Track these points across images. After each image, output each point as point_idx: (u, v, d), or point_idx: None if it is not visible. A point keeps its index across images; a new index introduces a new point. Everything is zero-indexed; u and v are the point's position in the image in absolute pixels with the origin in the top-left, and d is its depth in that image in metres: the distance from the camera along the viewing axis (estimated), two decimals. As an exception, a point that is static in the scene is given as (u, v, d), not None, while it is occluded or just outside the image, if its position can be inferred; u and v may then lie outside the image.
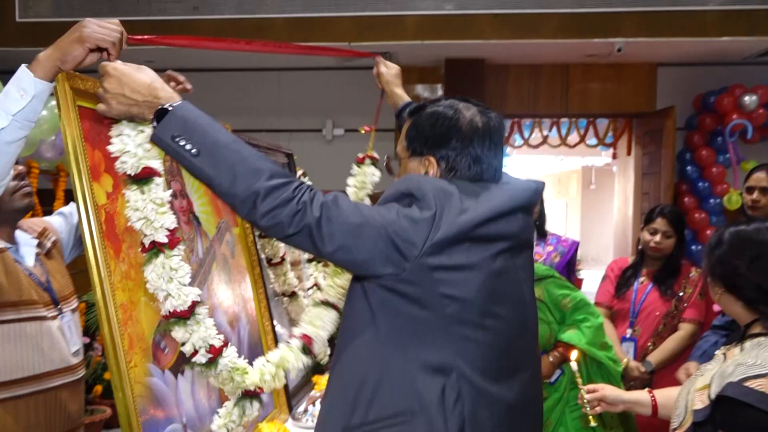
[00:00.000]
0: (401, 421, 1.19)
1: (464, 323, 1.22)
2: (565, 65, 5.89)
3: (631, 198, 6.32)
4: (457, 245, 1.20)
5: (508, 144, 6.88)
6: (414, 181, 1.25)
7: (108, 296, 1.33)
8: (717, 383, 1.33)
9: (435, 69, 5.93)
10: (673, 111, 5.43)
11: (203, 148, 1.15)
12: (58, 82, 1.30)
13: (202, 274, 1.82)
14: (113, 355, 1.31)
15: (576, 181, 14.82)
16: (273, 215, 1.14)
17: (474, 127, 1.31)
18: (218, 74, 6.19)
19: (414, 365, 1.21)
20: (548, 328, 2.43)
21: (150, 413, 1.41)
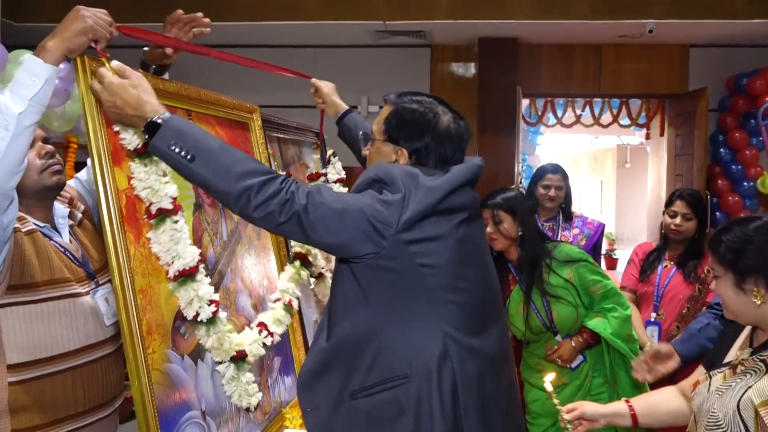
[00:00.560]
0: (398, 384, 1.35)
1: (442, 287, 1.38)
2: (597, 45, 5.83)
3: (665, 179, 6.27)
4: (426, 219, 1.35)
5: (542, 123, 6.87)
6: (383, 169, 1.40)
7: (126, 282, 1.32)
8: None
9: (469, 48, 5.93)
10: (705, 92, 5.35)
11: (198, 153, 1.27)
12: (79, 67, 1.34)
13: (227, 256, 1.84)
14: (130, 343, 1.30)
15: (611, 160, 14.61)
16: (265, 206, 1.27)
17: (448, 131, 1.47)
18: (254, 50, 6.29)
19: (405, 332, 1.36)
20: (575, 311, 2.39)
21: (168, 400, 1.39)
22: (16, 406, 1.45)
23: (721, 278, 1.46)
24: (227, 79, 6.23)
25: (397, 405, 1.35)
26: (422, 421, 1.34)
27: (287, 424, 1.97)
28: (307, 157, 2.86)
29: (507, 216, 2.40)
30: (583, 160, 15.77)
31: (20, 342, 1.47)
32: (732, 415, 1.34)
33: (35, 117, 1.32)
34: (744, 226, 1.44)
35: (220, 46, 6.32)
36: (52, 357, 1.50)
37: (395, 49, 6.08)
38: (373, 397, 1.36)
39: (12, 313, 1.46)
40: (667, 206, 3.01)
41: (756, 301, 1.40)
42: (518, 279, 2.48)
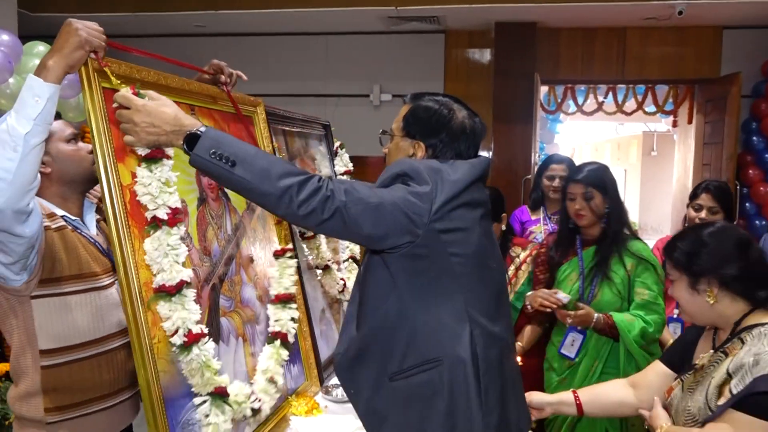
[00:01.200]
0: (432, 367, 1.43)
1: (468, 275, 1.47)
2: (621, 28, 5.62)
3: (691, 168, 6.05)
4: (454, 211, 1.43)
5: (561, 110, 6.68)
6: (406, 164, 1.47)
7: (131, 275, 1.36)
8: (740, 377, 1.38)
9: (485, 33, 5.77)
10: (738, 77, 5.13)
11: (237, 158, 1.30)
12: (83, 75, 1.37)
13: (231, 248, 1.85)
14: (135, 333, 1.35)
15: (636, 147, 14.31)
16: (308, 204, 1.31)
17: (463, 127, 1.56)
18: (266, 38, 6.21)
19: (436, 318, 1.44)
20: (619, 302, 2.38)
21: (174, 387, 1.45)
22: (48, 388, 1.61)
23: (677, 282, 1.58)
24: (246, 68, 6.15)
25: (432, 386, 1.43)
26: (455, 402, 1.42)
27: (293, 411, 2.00)
28: (313, 149, 2.75)
29: (597, 192, 2.41)
30: (606, 147, 15.49)
31: (50, 330, 1.60)
32: (704, 407, 1.45)
33: (42, 136, 1.38)
34: (698, 231, 1.57)
35: (232, 35, 6.30)
36: (80, 344, 1.64)
37: (408, 36, 5.94)
38: (410, 379, 1.44)
39: (43, 305, 1.60)
40: (692, 199, 2.87)
41: (710, 301, 1.52)
42: (580, 253, 2.48)
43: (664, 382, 1.68)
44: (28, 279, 1.54)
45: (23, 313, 1.59)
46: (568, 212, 2.48)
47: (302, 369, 2.22)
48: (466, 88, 5.87)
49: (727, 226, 1.60)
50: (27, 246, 1.48)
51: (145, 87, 1.54)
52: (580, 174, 2.45)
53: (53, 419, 1.61)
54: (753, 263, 1.51)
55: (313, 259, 2.46)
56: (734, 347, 1.47)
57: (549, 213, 3.32)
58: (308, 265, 2.44)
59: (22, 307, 1.59)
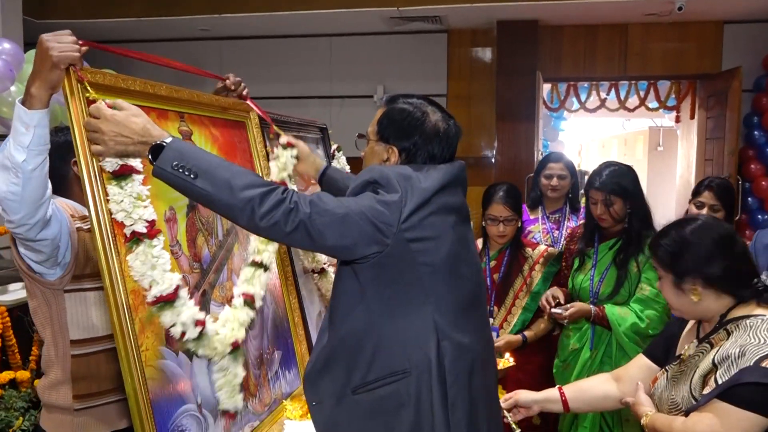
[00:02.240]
0: (398, 378, 1.41)
1: (437, 285, 1.44)
2: (623, 25, 5.60)
3: (694, 164, 6.03)
4: (425, 219, 1.41)
5: (564, 108, 6.66)
6: (377, 171, 1.44)
7: (116, 282, 1.35)
8: (725, 367, 1.39)
9: (487, 31, 5.77)
10: (739, 71, 5.10)
11: (200, 170, 1.30)
12: (67, 88, 1.37)
13: (223, 254, 1.87)
14: (121, 341, 1.34)
15: (643, 143, 14.20)
16: (270, 216, 1.30)
17: (436, 130, 1.54)
18: (270, 41, 6.24)
19: (403, 329, 1.42)
20: (626, 293, 2.44)
21: (162, 394, 1.44)
22: (77, 376, 1.73)
23: (663, 278, 1.60)
24: (250, 71, 6.19)
25: (397, 398, 1.41)
26: (421, 414, 1.40)
27: (288, 415, 2.00)
28: (310, 151, 2.75)
29: (618, 199, 2.45)
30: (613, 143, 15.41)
31: (80, 322, 1.72)
32: (688, 396, 1.47)
33: (38, 159, 1.42)
34: (681, 229, 1.57)
35: (236, 38, 6.33)
36: (104, 336, 1.75)
37: (411, 36, 5.95)
38: (374, 392, 1.42)
39: (75, 298, 1.72)
40: (694, 195, 2.84)
41: (694, 299, 1.52)
42: (596, 245, 2.56)
43: (647, 375, 1.70)
44: (62, 274, 1.67)
45: (56, 305, 1.71)
46: (592, 213, 2.55)
47: (298, 373, 2.23)
48: (469, 87, 5.87)
49: (710, 221, 1.59)
50: (52, 246, 1.59)
51: (131, 96, 1.56)
52: (599, 180, 2.48)
53: (80, 406, 1.74)
54: (737, 260, 1.52)
55: (309, 262, 2.48)
56: (720, 338, 1.49)
57: (547, 212, 3.32)
58: (304, 269, 2.45)
59: (56, 300, 1.71)
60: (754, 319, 1.46)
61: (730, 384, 1.37)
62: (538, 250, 2.76)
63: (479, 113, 5.80)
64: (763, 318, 1.45)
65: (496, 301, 2.71)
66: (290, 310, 2.23)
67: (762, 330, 1.42)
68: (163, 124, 1.69)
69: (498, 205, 2.66)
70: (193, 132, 1.83)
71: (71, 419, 1.74)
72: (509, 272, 2.71)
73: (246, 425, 1.80)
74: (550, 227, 3.25)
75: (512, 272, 2.71)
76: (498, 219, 2.67)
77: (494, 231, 2.69)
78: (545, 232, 3.24)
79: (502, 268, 2.73)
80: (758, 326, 1.43)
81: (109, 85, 1.47)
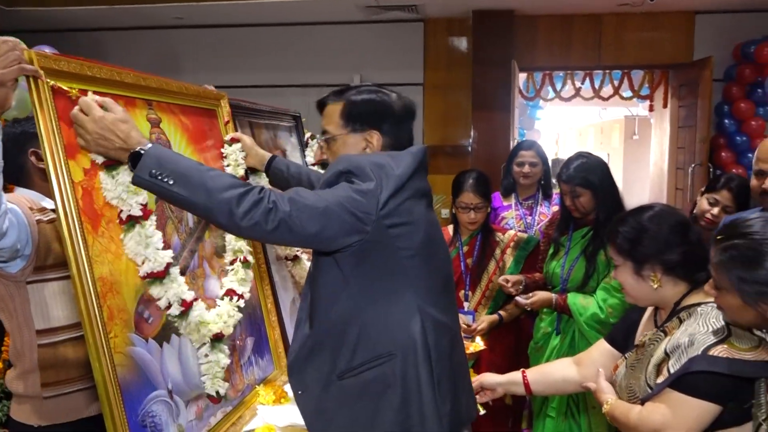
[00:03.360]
0: (384, 361, 1.44)
1: (418, 268, 1.48)
2: (597, 15, 5.65)
3: (667, 152, 6.12)
4: (401, 204, 1.45)
5: (540, 97, 6.71)
6: (349, 161, 1.47)
7: (83, 270, 1.36)
8: (677, 356, 1.43)
9: (463, 21, 5.78)
10: (710, 61, 5.18)
11: (177, 176, 1.32)
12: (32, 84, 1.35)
13: (193, 242, 1.87)
14: (89, 328, 1.35)
15: (619, 132, 14.35)
16: (250, 217, 1.31)
17: (401, 107, 1.60)
18: (246, 29, 6.18)
19: (387, 313, 1.45)
20: (595, 281, 2.49)
21: (132, 381, 1.45)
22: (45, 365, 1.75)
23: (621, 267, 1.62)
24: (228, 59, 6.13)
25: (383, 380, 1.44)
26: (408, 393, 1.43)
27: (261, 400, 2.02)
28: (282, 140, 2.76)
29: (585, 191, 2.47)
30: (590, 132, 15.54)
31: (44, 312, 1.75)
32: (644, 384, 1.51)
33: None
34: (638, 216, 1.59)
35: (211, 26, 6.26)
36: (69, 325, 1.78)
37: (387, 25, 5.94)
38: (360, 376, 1.45)
39: (37, 290, 1.73)
40: (708, 190, 2.65)
41: (654, 285, 1.56)
42: (570, 233, 2.61)
43: (608, 359, 1.74)
44: (23, 266, 1.68)
45: (19, 297, 1.72)
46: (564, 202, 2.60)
47: (271, 359, 2.25)
48: (445, 76, 5.88)
49: (666, 209, 1.63)
50: (11, 252, 1.62)
51: (97, 83, 1.55)
52: (566, 173, 2.52)
53: (48, 394, 1.76)
54: (693, 246, 1.56)
55: (282, 249, 2.49)
56: (673, 326, 1.53)
57: (520, 198, 3.37)
58: (277, 256, 2.46)
59: (19, 292, 1.71)
60: (705, 306, 1.51)
61: (681, 373, 1.41)
62: (508, 235, 2.85)
63: (456, 102, 5.83)
64: (713, 305, 1.49)
65: (471, 285, 2.78)
66: (263, 296, 2.25)
67: (711, 318, 1.46)
68: (131, 111, 1.68)
69: (468, 193, 2.71)
70: (161, 120, 1.82)
71: (40, 407, 1.76)
72: (482, 256, 2.78)
73: (218, 410, 1.81)
74: (523, 213, 3.30)
75: (485, 256, 2.79)
76: (469, 206, 2.72)
77: (465, 218, 2.75)
78: (518, 218, 3.29)
79: (475, 252, 2.80)
80: (708, 314, 1.48)
81: (74, 72, 1.46)
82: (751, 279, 1.29)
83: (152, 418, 1.52)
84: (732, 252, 1.33)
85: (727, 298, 1.36)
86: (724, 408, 1.40)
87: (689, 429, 1.40)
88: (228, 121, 2.21)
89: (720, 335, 1.41)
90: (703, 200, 2.64)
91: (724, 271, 1.34)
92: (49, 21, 5.92)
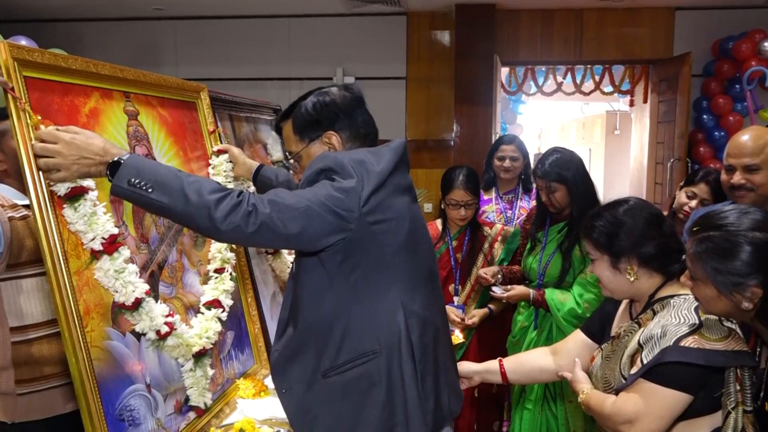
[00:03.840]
0: (369, 359, 1.44)
1: (401, 264, 1.48)
2: (578, 10, 5.68)
3: (647, 146, 6.18)
4: (384, 200, 1.44)
5: (522, 91, 6.74)
6: (329, 158, 1.45)
7: (58, 264, 1.35)
8: (650, 347, 1.46)
9: (446, 15, 5.78)
10: (689, 57, 5.23)
11: (155, 183, 1.31)
12: (0, 54, 1.33)
13: (172, 235, 1.86)
14: (64, 322, 1.34)
15: (600, 127, 14.47)
16: (229, 221, 1.30)
17: (345, 99, 1.58)
18: (227, 21, 6.13)
19: (371, 309, 1.45)
20: (571, 276, 2.51)
21: (109, 375, 1.45)
22: (19, 362, 1.76)
23: (598, 261, 1.64)
24: (208, 52, 6.08)
25: (368, 378, 1.43)
26: (393, 391, 1.44)
27: (241, 394, 2.03)
28: (263, 133, 2.75)
29: (559, 185, 2.49)
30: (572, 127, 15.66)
31: (17, 310, 1.76)
32: (618, 375, 1.53)
33: None
34: (614, 210, 1.61)
35: (192, 18, 6.20)
36: (44, 322, 1.79)
37: (370, 18, 5.92)
38: (345, 374, 1.44)
39: (11, 287, 1.75)
40: (687, 184, 2.72)
41: (630, 278, 1.59)
42: (546, 228, 2.62)
43: (583, 349, 1.77)
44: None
45: None
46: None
47: (251, 353, 2.25)
48: (428, 70, 5.88)
49: (640, 202, 1.65)
50: None
51: (72, 75, 1.54)
52: (541, 168, 2.53)
53: (23, 391, 1.77)
54: (667, 238, 1.59)
55: (263, 243, 2.48)
56: (647, 318, 1.55)
57: (501, 192, 3.39)
58: (257, 249, 2.46)
59: None
60: (678, 298, 1.53)
61: (653, 364, 1.43)
62: (496, 229, 2.90)
63: (438, 96, 5.83)
64: (686, 298, 1.52)
65: (460, 279, 2.83)
66: (243, 290, 2.24)
67: (683, 309, 1.48)
68: (107, 104, 1.67)
69: (459, 191, 2.75)
70: (139, 112, 1.81)
71: (14, 404, 1.76)
72: (471, 250, 2.83)
73: (197, 404, 1.81)
74: (503, 207, 3.32)
75: (474, 250, 2.84)
76: (459, 203, 2.76)
77: (455, 214, 2.79)
78: (498, 212, 3.31)
79: (464, 247, 2.84)
80: (680, 306, 1.50)
81: (47, 63, 1.45)
82: (725, 270, 1.33)
83: (130, 412, 1.51)
84: (707, 243, 1.36)
85: (702, 289, 1.39)
86: (695, 397, 1.42)
87: (661, 418, 1.42)
88: (213, 130, 2.21)
89: (691, 326, 1.43)
90: (681, 194, 2.69)
91: (700, 262, 1.37)
92: (26, 11, 5.83)
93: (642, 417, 1.43)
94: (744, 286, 1.32)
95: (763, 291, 1.31)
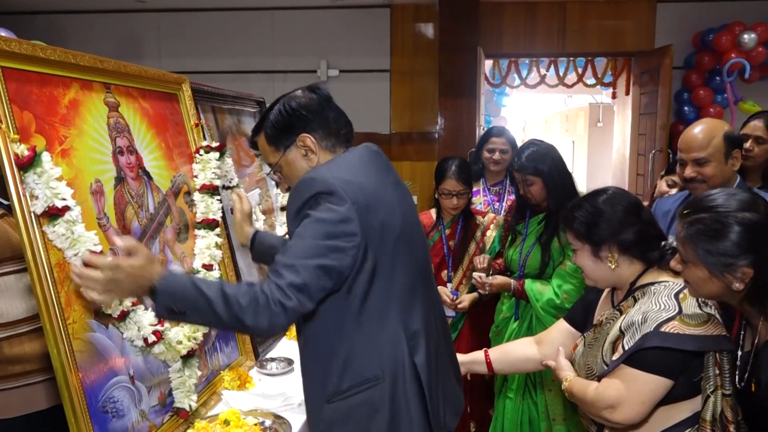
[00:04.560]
0: (372, 385, 1.44)
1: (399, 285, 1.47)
2: (561, 2, 5.70)
3: (629, 138, 6.22)
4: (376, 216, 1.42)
5: (506, 83, 6.76)
6: (318, 182, 1.42)
7: (39, 256, 1.35)
8: (631, 334, 1.48)
9: (429, 7, 5.77)
10: (670, 49, 5.27)
11: (187, 307, 1.34)
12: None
13: (154, 228, 1.85)
14: (46, 314, 1.34)
15: (584, 119, 14.54)
16: (262, 322, 1.32)
17: (312, 99, 1.56)
18: (210, 14, 6.08)
19: (372, 337, 1.44)
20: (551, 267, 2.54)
21: (92, 367, 1.46)
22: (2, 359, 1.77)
23: (579, 251, 1.66)
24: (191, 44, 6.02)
25: (372, 404, 1.43)
26: (397, 416, 1.44)
27: (226, 386, 2.03)
28: (246, 126, 2.74)
29: (536, 178, 2.50)
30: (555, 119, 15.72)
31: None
32: (600, 362, 1.55)
33: None
34: (593, 200, 1.62)
35: (174, 10, 6.15)
36: (24, 319, 1.79)
37: (354, 10, 5.90)
38: (349, 400, 1.44)
39: None
40: (668, 173, 2.77)
41: (611, 266, 1.60)
42: (526, 220, 2.64)
43: (567, 338, 1.79)
44: None
45: None
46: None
47: (236, 345, 2.25)
48: (412, 63, 5.88)
49: (619, 191, 1.67)
50: None
51: (51, 66, 1.52)
52: (518, 162, 2.54)
53: (3, 387, 1.78)
54: (646, 225, 1.61)
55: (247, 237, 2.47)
56: (628, 305, 1.58)
57: (489, 184, 3.40)
58: (242, 242, 2.45)
59: None
60: (658, 285, 1.55)
61: (635, 349, 1.45)
62: (488, 218, 2.97)
63: (423, 89, 5.83)
64: (666, 284, 1.55)
65: (453, 266, 2.90)
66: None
67: (663, 296, 1.51)
68: (87, 95, 1.66)
69: (452, 181, 2.80)
70: (120, 104, 1.80)
71: None
72: (464, 237, 2.91)
73: (182, 396, 1.81)
74: (491, 199, 3.34)
75: (467, 237, 2.92)
76: (452, 193, 2.82)
77: (448, 204, 2.85)
78: (486, 203, 3.33)
79: (456, 235, 2.92)
80: (660, 292, 1.53)
81: (25, 54, 1.43)
82: (716, 251, 1.35)
83: (114, 404, 1.51)
84: (698, 226, 1.38)
85: (693, 272, 1.41)
86: (676, 382, 1.45)
87: (643, 403, 1.45)
88: (197, 123, 2.20)
89: (671, 312, 1.46)
90: (662, 182, 2.76)
91: (691, 244, 1.39)
92: (5, 3, 5.75)
93: (624, 402, 1.46)
94: (735, 266, 1.34)
95: (754, 271, 1.33)
